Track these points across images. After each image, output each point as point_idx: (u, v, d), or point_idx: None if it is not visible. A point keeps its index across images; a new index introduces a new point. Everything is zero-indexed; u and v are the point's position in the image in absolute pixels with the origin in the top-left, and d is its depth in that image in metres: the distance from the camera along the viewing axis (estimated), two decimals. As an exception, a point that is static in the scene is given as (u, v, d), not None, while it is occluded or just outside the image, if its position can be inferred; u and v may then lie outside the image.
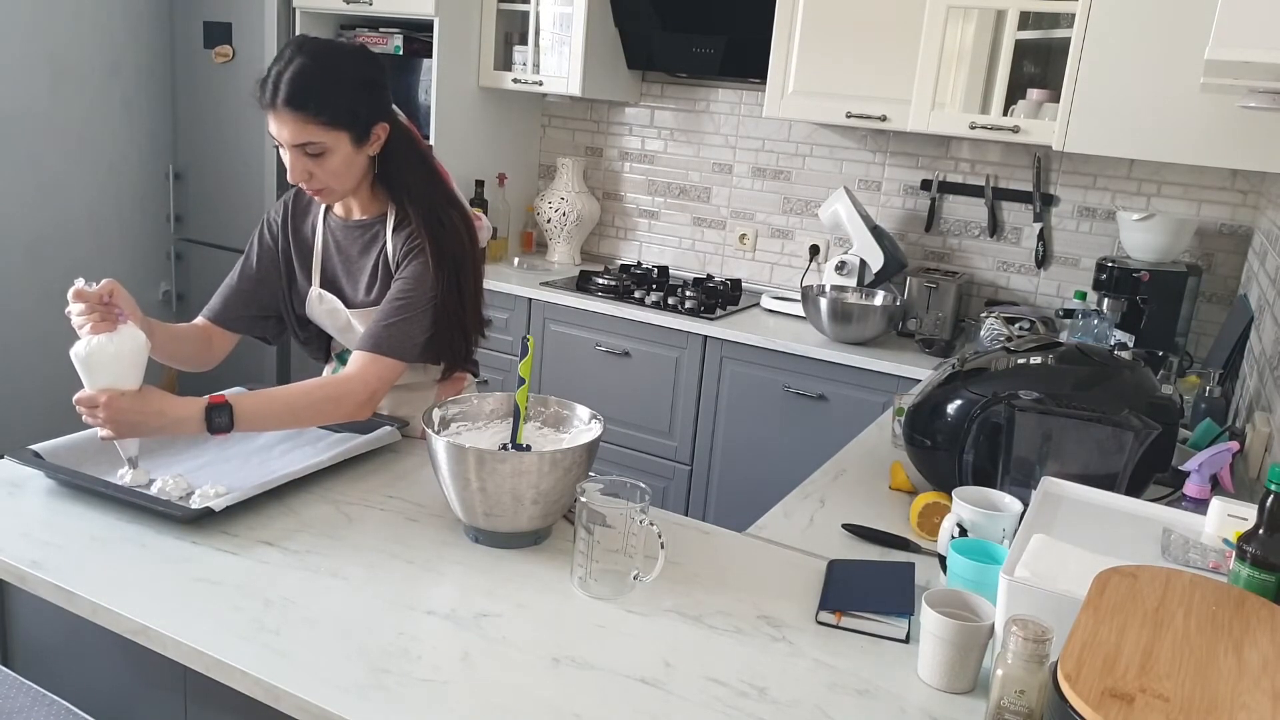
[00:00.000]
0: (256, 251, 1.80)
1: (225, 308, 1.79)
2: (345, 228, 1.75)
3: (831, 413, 2.82)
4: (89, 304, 1.43)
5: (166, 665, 1.16)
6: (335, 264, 1.77)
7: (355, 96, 1.59)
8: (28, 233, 3.51)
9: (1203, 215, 2.87)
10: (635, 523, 1.26)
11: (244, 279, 1.80)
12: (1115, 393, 1.57)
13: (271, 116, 1.57)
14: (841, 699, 1.10)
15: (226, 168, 3.74)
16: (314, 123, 1.55)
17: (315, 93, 1.55)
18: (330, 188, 1.63)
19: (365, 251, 1.73)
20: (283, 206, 1.81)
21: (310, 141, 1.57)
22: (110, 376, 1.41)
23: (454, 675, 1.09)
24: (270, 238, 1.80)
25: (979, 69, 2.78)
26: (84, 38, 3.56)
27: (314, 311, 1.79)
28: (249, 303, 1.80)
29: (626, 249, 3.81)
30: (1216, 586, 1.02)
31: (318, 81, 1.55)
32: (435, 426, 1.41)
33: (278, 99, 1.54)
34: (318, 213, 1.78)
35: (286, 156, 1.60)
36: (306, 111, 1.54)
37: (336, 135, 1.58)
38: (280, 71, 1.55)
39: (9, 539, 1.30)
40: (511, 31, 3.56)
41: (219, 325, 1.78)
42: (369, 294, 1.73)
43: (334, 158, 1.59)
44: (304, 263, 1.79)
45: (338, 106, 1.57)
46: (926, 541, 1.54)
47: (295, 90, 1.54)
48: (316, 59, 1.57)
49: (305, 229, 1.79)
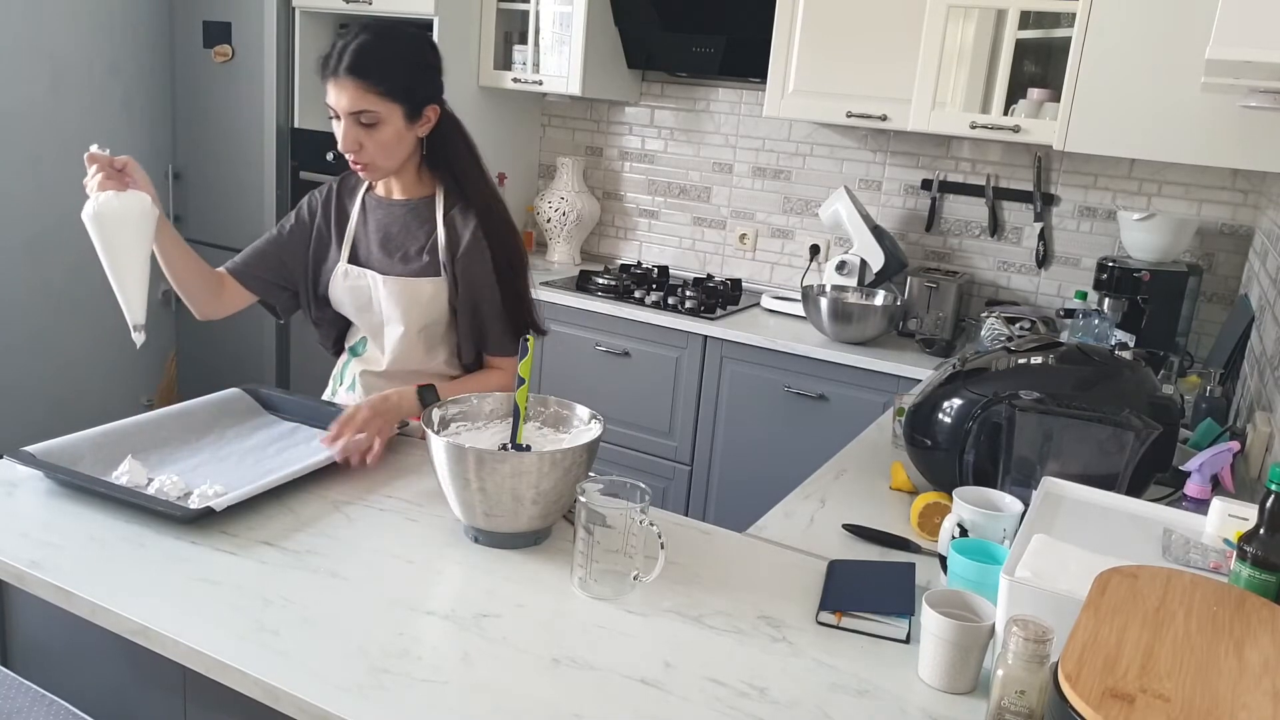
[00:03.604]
0: (292, 223, 1.86)
1: (246, 264, 1.84)
2: (386, 205, 1.81)
3: (832, 413, 2.81)
4: (101, 165, 1.49)
5: (166, 665, 1.16)
6: (370, 241, 1.81)
7: (413, 74, 1.69)
8: (27, 231, 3.51)
9: (1203, 215, 2.86)
10: (635, 523, 1.26)
11: (271, 243, 1.85)
12: (1116, 393, 1.57)
13: (331, 84, 1.65)
14: (842, 699, 1.10)
15: (226, 168, 3.74)
16: (372, 92, 1.63)
17: (376, 63, 1.64)
18: (376, 162, 1.70)
19: (408, 229, 1.79)
20: (328, 187, 1.88)
21: (365, 110, 1.64)
22: (118, 235, 1.46)
23: (454, 675, 1.09)
24: (309, 213, 1.86)
25: (979, 68, 2.78)
26: (84, 38, 3.56)
27: (337, 287, 1.82)
28: (270, 267, 1.84)
29: (626, 249, 3.81)
30: (1217, 587, 1.02)
31: (379, 54, 1.65)
32: (435, 426, 1.41)
33: (340, 66, 1.63)
34: (359, 193, 1.84)
35: (339, 128, 1.67)
36: (367, 80, 1.63)
37: (390, 107, 1.65)
38: (346, 44, 1.65)
39: (8, 539, 1.30)
40: (511, 31, 3.56)
41: (236, 278, 1.82)
42: (407, 266, 1.77)
43: (385, 129, 1.66)
44: (339, 239, 1.83)
45: (395, 79, 1.65)
46: (927, 542, 1.54)
47: (357, 59, 1.63)
48: (381, 35, 1.67)
49: (346, 208, 1.85)
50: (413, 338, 1.78)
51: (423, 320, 1.77)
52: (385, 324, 1.80)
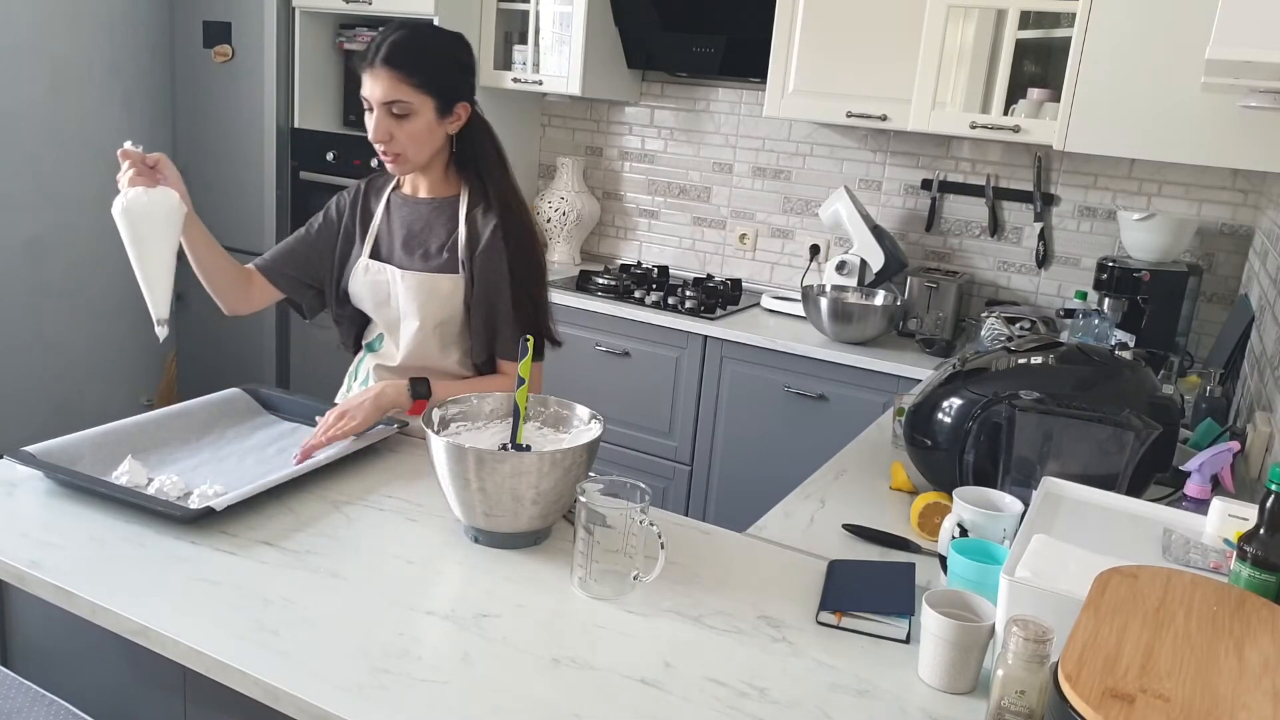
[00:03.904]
0: (320, 222, 1.89)
1: (274, 261, 1.87)
2: (412, 203, 1.83)
3: (831, 413, 2.81)
4: (133, 161, 1.51)
5: (166, 665, 1.16)
6: (394, 238, 1.82)
7: (447, 69, 1.73)
8: (27, 232, 3.51)
9: (1203, 215, 2.86)
10: (635, 523, 1.26)
11: (300, 242, 1.88)
12: (1116, 393, 1.57)
13: (368, 75, 1.69)
14: (842, 699, 1.10)
15: (226, 168, 3.74)
16: (406, 82, 1.67)
17: (411, 55, 1.68)
18: (406, 153, 1.72)
19: (431, 227, 1.80)
20: (356, 188, 1.91)
21: (398, 100, 1.67)
22: (146, 230, 1.49)
23: (454, 675, 1.09)
24: (336, 212, 1.88)
25: (979, 69, 2.78)
26: (84, 38, 3.56)
27: (357, 281, 1.83)
28: (298, 265, 1.87)
29: (626, 249, 3.81)
30: (1217, 587, 1.02)
31: (415, 47, 1.69)
32: (435, 426, 1.41)
33: (377, 57, 1.68)
34: (386, 192, 1.86)
35: (372, 119, 1.70)
36: (401, 70, 1.67)
37: (423, 99, 1.69)
38: (385, 37, 1.69)
39: (8, 539, 1.30)
40: (511, 31, 3.56)
41: (265, 275, 1.85)
42: (427, 263, 1.79)
43: (417, 121, 1.70)
44: (363, 235, 1.85)
45: (429, 73, 1.69)
46: (927, 542, 1.54)
47: (394, 51, 1.67)
48: (418, 31, 1.72)
49: (372, 207, 1.87)
50: (428, 333, 1.79)
51: (439, 316, 1.78)
52: (402, 319, 1.80)
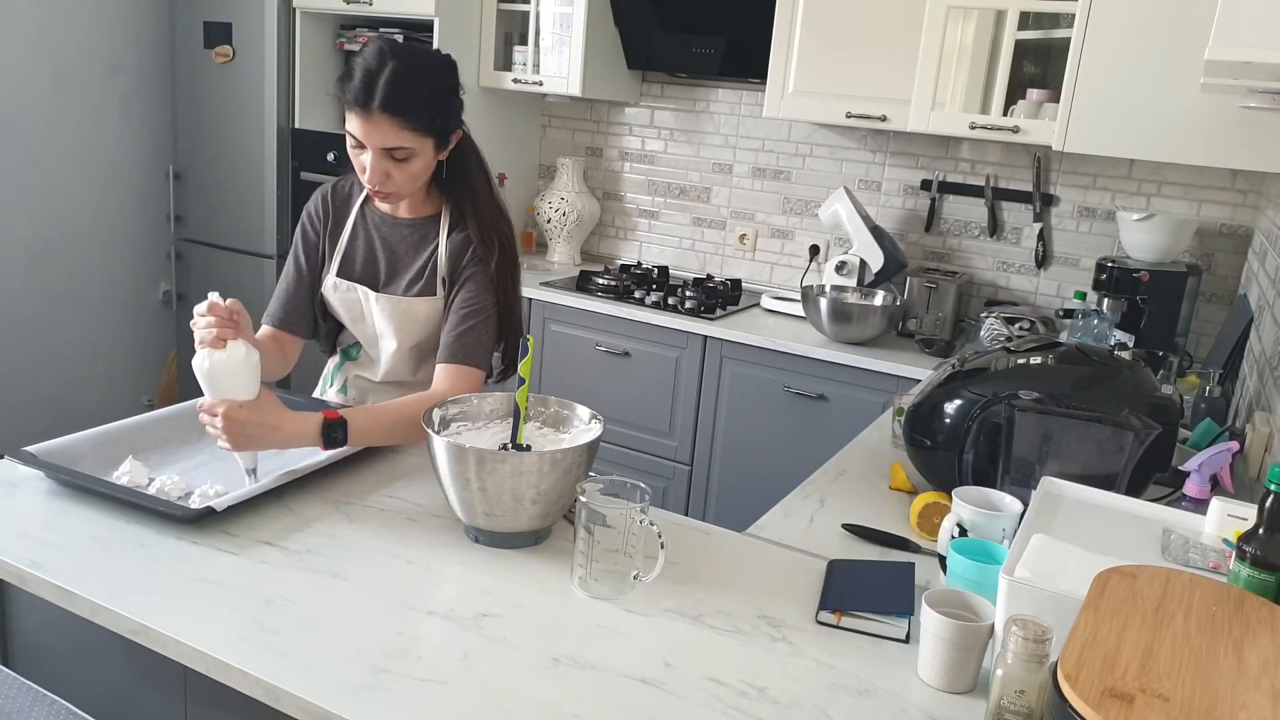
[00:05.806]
0: (302, 250, 1.81)
1: (287, 313, 1.80)
2: (392, 224, 1.77)
3: (831, 413, 2.82)
4: (220, 318, 1.44)
5: (166, 665, 1.16)
6: (374, 256, 1.77)
7: (444, 103, 1.63)
8: (28, 232, 3.51)
9: (1203, 215, 2.87)
10: (635, 523, 1.26)
11: (298, 281, 1.81)
12: (1115, 393, 1.57)
13: (361, 118, 1.57)
14: (841, 699, 1.10)
15: (226, 168, 3.74)
16: (409, 129, 1.58)
17: (411, 99, 1.57)
18: (402, 191, 1.67)
19: (414, 250, 1.75)
20: (321, 199, 1.82)
21: (401, 146, 1.59)
22: (230, 387, 1.44)
23: (454, 675, 1.09)
24: (313, 231, 1.81)
25: (979, 69, 2.78)
26: (84, 38, 3.56)
27: (329, 296, 1.80)
28: (305, 303, 1.81)
29: (626, 249, 3.81)
30: (1216, 586, 1.02)
31: (413, 88, 1.57)
32: (435, 426, 1.41)
33: (373, 102, 1.55)
34: (355, 204, 1.80)
35: (365, 157, 1.61)
36: (404, 118, 1.56)
37: (424, 141, 1.61)
38: (374, 73, 1.56)
39: (9, 539, 1.30)
40: (511, 31, 3.56)
41: (285, 331, 1.79)
42: (410, 290, 1.75)
43: (417, 162, 1.63)
44: (332, 249, 1.80)
45: (431, 114, 1.60)
46: (926, 541, 1.54)
47: (394, 95, 1.55)
48: (409, 65, 1.58)
49: (342, 219, 1.80)
50: (404, 353, 1.79)
51: (416, 338, 1.77)
52: (379, 338, 1.79)
